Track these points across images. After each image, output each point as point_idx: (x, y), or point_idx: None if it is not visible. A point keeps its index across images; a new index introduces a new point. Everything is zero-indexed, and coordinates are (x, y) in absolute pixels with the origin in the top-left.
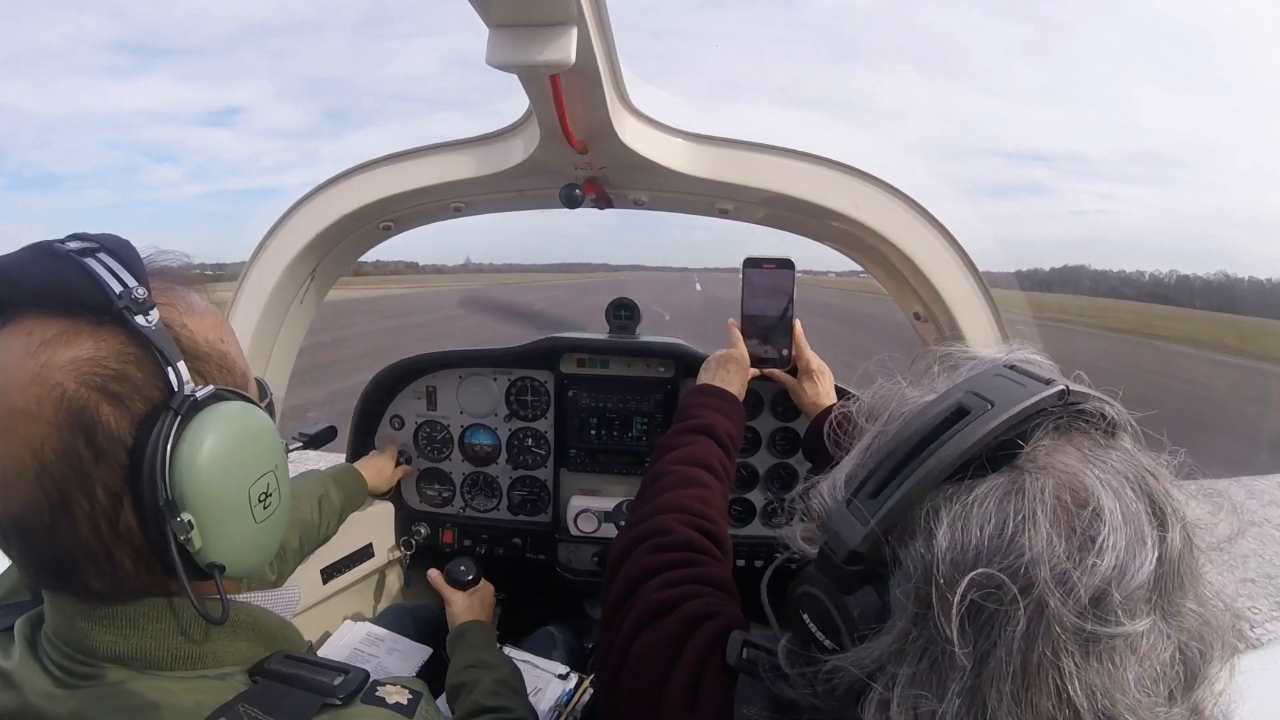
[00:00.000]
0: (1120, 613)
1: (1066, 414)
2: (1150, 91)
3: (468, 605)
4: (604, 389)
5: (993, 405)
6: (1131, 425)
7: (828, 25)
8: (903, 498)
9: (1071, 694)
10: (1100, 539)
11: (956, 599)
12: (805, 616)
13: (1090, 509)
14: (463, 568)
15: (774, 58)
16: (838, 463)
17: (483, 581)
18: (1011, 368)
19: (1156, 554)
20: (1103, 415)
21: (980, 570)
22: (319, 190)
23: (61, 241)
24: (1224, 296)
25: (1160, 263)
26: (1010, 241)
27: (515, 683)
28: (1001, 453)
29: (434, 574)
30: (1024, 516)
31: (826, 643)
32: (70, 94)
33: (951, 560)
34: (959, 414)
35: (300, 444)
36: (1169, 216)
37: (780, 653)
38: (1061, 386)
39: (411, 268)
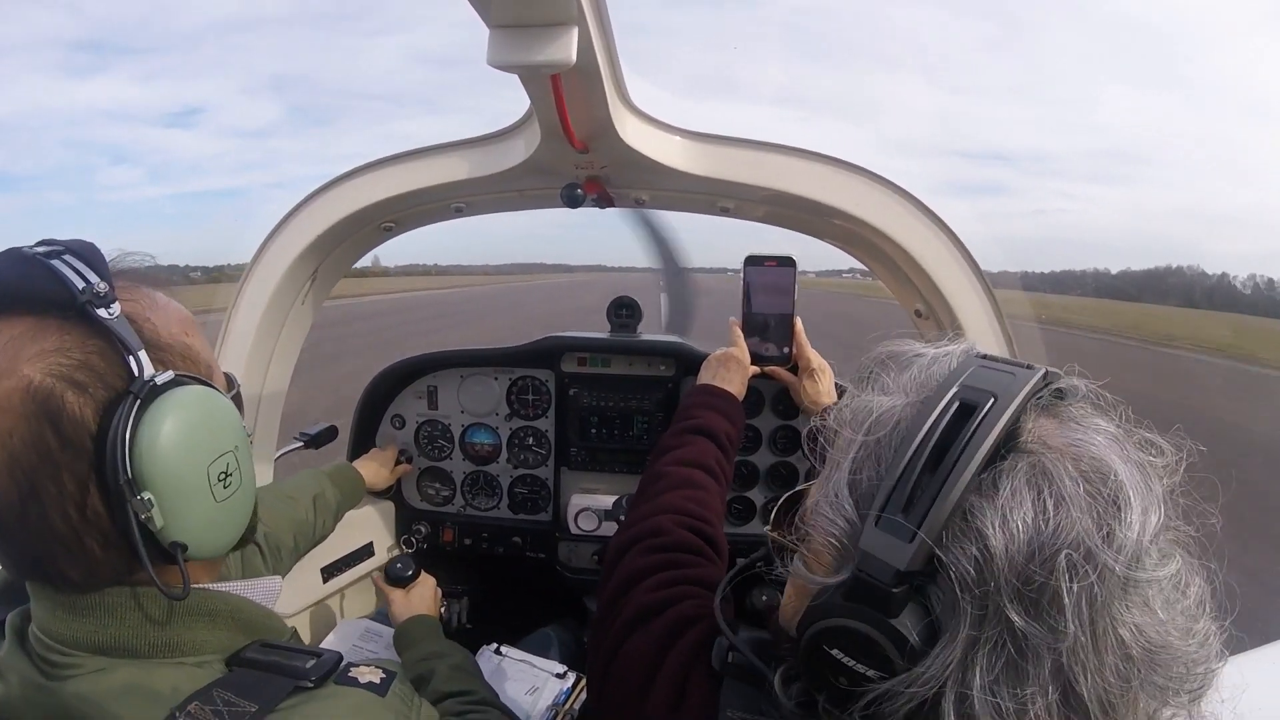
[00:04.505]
0: (1158, 557)
1: (1047, 394)
2: (1111, 89)
3: (407, 602)
4: (605, 388)
5: (996, 398)
6: (1095, 395)
7: (789, 21)
8: (950, 504)
9: (1129, 639)
10: (1124, 498)
11: (1025, 586)
12: (837, 652)
13: (1107, 475)
14: (399, 564)
15: (742, 54)
16: (817, 479)
17: (423, 575)
18: (984, 358)
19: (1160, 499)
20: (1074, 390)
21: (1042, 554)
22: (320, 192)
23: (30, 247)
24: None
25: (1118, 260)
26: (979, 238)
27: (470, 666)
28: (1006, 439)
29: (375, 577)
30: (1059, 495)
31: (870, 673)
32: (26, 92)
33: (1009, 552)
34: (965, 411)
35: (301, 443)
36: (1129, 214)
37: (779, 690)
38: (1043, 370)
39: (359, 270)
